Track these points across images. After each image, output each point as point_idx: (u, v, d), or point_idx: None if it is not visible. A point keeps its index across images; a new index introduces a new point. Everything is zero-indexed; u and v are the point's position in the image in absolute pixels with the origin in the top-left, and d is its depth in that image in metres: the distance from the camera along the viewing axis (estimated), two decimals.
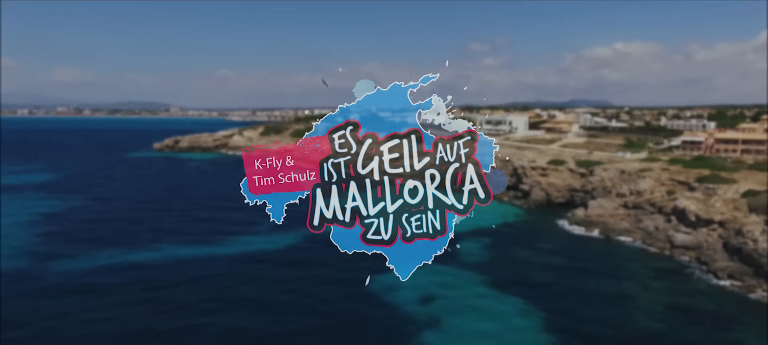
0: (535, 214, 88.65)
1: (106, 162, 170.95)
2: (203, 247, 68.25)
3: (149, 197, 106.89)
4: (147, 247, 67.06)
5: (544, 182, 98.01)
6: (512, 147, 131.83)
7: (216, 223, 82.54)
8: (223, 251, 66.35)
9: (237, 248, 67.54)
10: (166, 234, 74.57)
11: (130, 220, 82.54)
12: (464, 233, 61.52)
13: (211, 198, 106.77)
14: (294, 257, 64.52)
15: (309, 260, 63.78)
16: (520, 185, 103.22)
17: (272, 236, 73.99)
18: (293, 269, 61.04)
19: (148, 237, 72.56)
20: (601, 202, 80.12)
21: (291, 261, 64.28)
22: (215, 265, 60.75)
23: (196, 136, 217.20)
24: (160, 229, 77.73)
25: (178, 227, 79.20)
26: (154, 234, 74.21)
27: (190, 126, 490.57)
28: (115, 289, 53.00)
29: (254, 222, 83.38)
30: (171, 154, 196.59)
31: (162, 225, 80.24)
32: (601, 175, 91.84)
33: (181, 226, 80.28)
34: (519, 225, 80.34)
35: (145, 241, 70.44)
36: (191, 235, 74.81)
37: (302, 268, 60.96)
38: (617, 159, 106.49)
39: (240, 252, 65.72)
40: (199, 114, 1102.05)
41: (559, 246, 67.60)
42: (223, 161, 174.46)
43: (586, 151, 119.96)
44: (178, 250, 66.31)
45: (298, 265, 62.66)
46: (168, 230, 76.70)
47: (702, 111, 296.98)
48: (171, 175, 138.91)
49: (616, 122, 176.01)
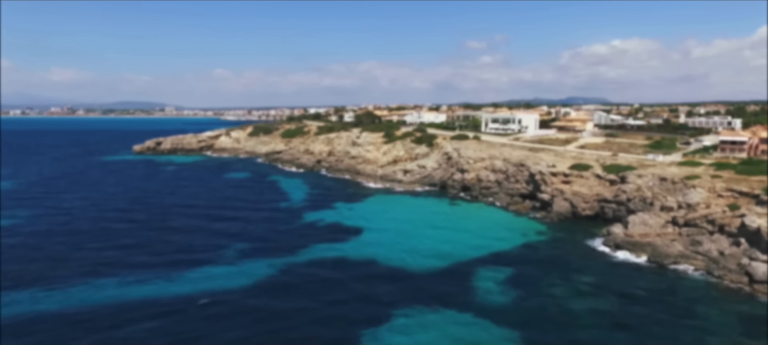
0: (560, 230, 74.40)
1: (78, 167, 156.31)
2: (158, 278, 53.78)
3: (111, 207, 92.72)
4: (83, 281, 52.60)
5: (568, 191, 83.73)
6: (524, 149, 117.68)
7: (182, 239, 68.23)
8: (181, 286, 51.91)
9: (197, 283, 53.06)
10: (114, 258, 60.18)
11: (75, 242, 68.01)
12: (480, 261, 46.30)
13: (182, 207, 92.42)
14: (273, 287, 50.40)
15: (291, 291, 49.70)
16: (538, 194, 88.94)
17: (244, 264, 59.66)
18: (272, 302, 47.07)
19: (90, 262, 58.09)
20: (643, 218, 65.86)
21: (269, 290, 50.07)
22: (167, 304, 46.40)
23: (179, 137, 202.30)
24: (107, 251, 63.28)
25: (133, 247, 64.78)
26: (99, 258, 59.78)
27: (181, 125, 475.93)
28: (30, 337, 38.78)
29: (226, 240, 69.09)
30: (151, 157, 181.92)
31: (111, 246, 65.77)
32: (636, 182, 77.63)
33: (137, 246, 65.85)
34: (544, 247, 66.08)
35: (83, 271, 55.96)
36: (148, 259, 60.38)
37: (284, 299, 46.95)
38: (649, 162, 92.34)
39: (200, 288, 51.27)
40: (194, 113, 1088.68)
41: (603, 279, 53.34)
42: (206, 165, 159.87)
43: (610, 153, 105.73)
44: (124, 284, 51.87)
45: (279, 296, 48.65)
46: (117, 254, 62.22)
47: (713, 107, 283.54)
48: (144, 181, 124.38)
49: (632, 120, 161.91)
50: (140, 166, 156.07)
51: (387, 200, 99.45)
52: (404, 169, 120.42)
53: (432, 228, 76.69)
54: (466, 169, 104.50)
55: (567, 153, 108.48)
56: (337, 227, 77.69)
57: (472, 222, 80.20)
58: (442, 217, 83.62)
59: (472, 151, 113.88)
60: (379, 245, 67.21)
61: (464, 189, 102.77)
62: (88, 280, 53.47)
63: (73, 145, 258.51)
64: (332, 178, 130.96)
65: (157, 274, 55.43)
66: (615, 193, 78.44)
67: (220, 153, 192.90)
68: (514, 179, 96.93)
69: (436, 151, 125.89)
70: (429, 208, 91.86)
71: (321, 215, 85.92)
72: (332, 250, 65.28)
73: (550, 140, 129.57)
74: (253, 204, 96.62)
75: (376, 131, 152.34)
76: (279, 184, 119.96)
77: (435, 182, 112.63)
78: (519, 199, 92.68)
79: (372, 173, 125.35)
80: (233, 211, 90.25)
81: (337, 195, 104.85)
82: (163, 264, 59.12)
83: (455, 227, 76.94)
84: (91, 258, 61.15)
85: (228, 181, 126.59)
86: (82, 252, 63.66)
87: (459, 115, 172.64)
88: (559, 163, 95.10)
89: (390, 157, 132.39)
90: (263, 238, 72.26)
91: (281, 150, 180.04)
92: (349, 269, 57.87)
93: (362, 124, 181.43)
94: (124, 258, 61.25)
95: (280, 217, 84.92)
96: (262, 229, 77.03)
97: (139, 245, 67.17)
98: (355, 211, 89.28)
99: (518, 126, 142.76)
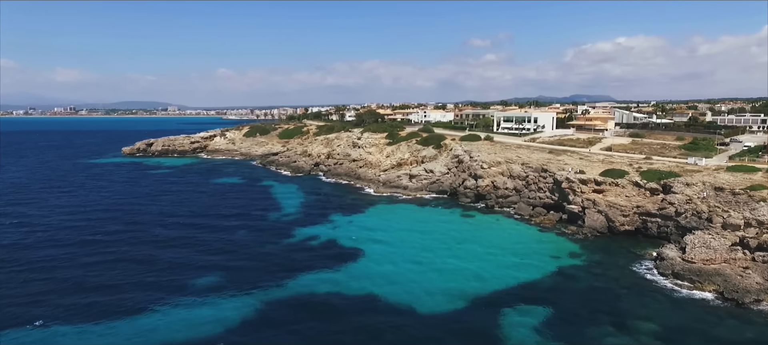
0: (597, 250, 62.52)
1: (60, 170, 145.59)
2: (98, 327, 42.49)
3: (80, 219, 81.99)
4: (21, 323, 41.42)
5: (602, 202, 71.80)
6: (543, 151, 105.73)
7: (147, 266, 56.96)
8: (127, 338, 40.58)
9: (149, 333, 41.69)
10: (52, 295, 49.01)
11: (14, 271, 56.77)
12: (507, 296, 33.34)
13: (159, 219, 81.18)
14: (245, 334, 39.11)
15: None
16: (565, 205, 77.07)
17: (215, 300, 48.25)
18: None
19: (22, 299, 46.92)
20: (704, 239, 53.92)
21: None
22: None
23: (171, 138, 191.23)
24: (51, 282, 52.12)
25: (83, 279, 53.54)
26: (35, 294, 48.62)
27: (181, 125, 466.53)
28: None
29: (200, 264, 57.73)
30: (140, 159, 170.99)
31: (58, 277, 54.56)
32: (684, 192, 65.65)
33: (89, 276, 54.59)
34: (583, 275, 54.25)
35: (21, 311, 44.81)
36: (93, 298, 49.09)
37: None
38: (691, 167, 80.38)
39: (152, 341, 39.90)
40: (196, 113, 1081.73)
41: (668, 324, 41.51)
42: (196, 168, 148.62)
43: (642, 156, 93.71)
44: (51, 334, 40.63)
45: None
46: (59, 288, 51.00)
47: (730, 103, 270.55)
48: (125, 187, 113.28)
49: (656, 118, 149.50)
50: (126, 170, 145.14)
51: (390, 211, 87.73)
52: (409, 173, 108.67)
53: (444, 248, 65.04)
54: (480, 175, 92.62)
55: (593, 156, 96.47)
56: (333, 247, 66.10)
57: (489, 240, 68.39)
58: (454, 234, 71.85)
59: (486, 154, 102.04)
60: (381, 274, 55.64)
61: (478, 198, 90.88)
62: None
63: (66, 146, 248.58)
64: (331, 183, 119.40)
65: (98, 322, 43.90)
66: (660, 206, 66.46)
67: (214, 155, 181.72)
68: (536, 187, 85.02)
69: (445, 153, 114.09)
70: (439, 221, 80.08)
71: (315, 230, 74.41)
72: (325, 281, 53.65)
73: (571, 141, 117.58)
74: (239, 216, 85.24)
75: (379, 131, 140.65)
76: (271, 191, 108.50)
77: (444, 189, 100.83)
78: (542, 210, 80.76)
79: (374, 178, 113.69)
80: (215, 225, 79.06)
81: (335, 204, 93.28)
82: (113, 305, 47.62)
83: (471, 247, 65.22)
84: (24, 294, 49.83)
85: (216, 187, 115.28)
86: (17, 286, 52.31)
87: (468, 114, 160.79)
88: (587, 168, 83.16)
89: (394, 160, 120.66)
90: (244, 261, 60.81)
91: (278, 151, 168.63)
92: (344, 310, 46.30)
93: (364, 123, 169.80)
94: (63, 295, 49.78)
95: (267, 234, 73.36)
96: (245, 250, 65.62)
97: (90, 275, 55.75)
98: (355, 224, 77.69)
99: (534, 125, 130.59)
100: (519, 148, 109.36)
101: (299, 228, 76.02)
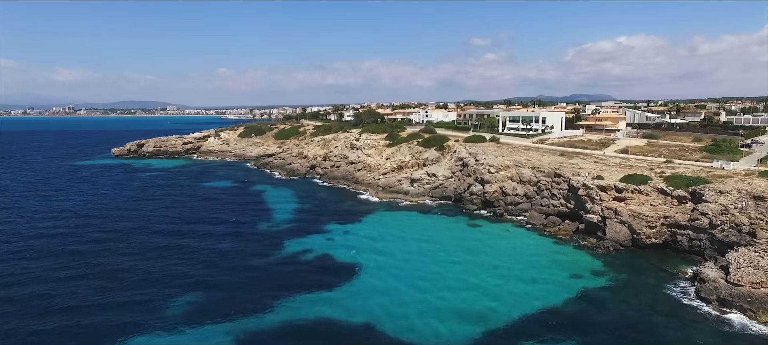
0: (622, 268, 55.69)
1: (45, 173, 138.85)
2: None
3: (53, 228, 75.49)
4: None
5: (624, 211, 64.97)
6: (554, 153, 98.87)
7: (117, 283, 50.20)
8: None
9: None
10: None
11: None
12: (524, 325, 27.11)
13: (138, 229, 74.29)
14: None
15: None
16: (583, 214, 70.27)
17: (189, 329, 41.50)
18: None
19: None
20: (750, 257, 47.15)
21: None
22: None
23: (163, 139, 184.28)
24: (5, 304, 45.40)
25: (40, 300, 46.79)
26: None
27: (178, 125, 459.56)
28: None
29: (177, 283, 50.47)
30: (129, 161, 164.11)
31: (20, 291, 47.80)
32: (717, 201, 58.89)
33: (47, 296, 47.84)
34: (610, 299, 47.43)
35: None
36: (46, 322, 42.36)
37: None
38: (718, 171, 73.56)
39: None
40: (196, 112, 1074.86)
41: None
42: (186, 171, 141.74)
43: (662, 160, 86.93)
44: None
45: None
46: (11, 310, 44.26)
47: (740, 103, 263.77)
48: (109, 192, 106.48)
49: (669, 117, 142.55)
50: (112, 173, 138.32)
51: (390, 219, 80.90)
52: (411, 177, 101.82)
53: (451, 262, 58.30)
54: (488, 180, 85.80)
55: (609, 159, 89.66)
56: (326, 262, 59.30)
57: (501, 254, 61.60)
58: (461, 246, 65.06)
59: (493, 157, 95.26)
60: (381, 293, 49.01)
61: (485, 204, 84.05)
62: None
63: (58, 146, 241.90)
64: (327, 187, 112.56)
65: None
66: (691, 216, 59.65)
67: (207, 156, 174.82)
68: (549, 193, 78.22)
69: (449, 155, 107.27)
70: (443, 231, 73.25)
71: (307, 242, 67.62)
72: (318, 302, 47.00)
73: (582, 142, 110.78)
74: (227, 224, 78.54)
75: (378, 132, 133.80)
76: (263, 197, 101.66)
77: (448, 194, 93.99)
78: (556, 219, 73.92)
79: (373, 182, 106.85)
80: (200, 233, 72.57)
81: (331, 211, 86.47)
82: (68, 334, 40.88)
83: (480, 262, 58.46)
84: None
85: (206, 191, 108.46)
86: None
87: (472, 114, 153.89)
88: (604, 172, 76.37)
89: (394, 162, 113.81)
90: (228, 277, 54.21)
91: (273, 153, 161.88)
92: (339, 337, 39.65)
93: (363, 123, 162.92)
94: (14, 319, 43.01)
95: (255, 245, 66.60)
96: (230, 263, 58.95)
97: (52, 294, 48.97)
98: (351, 235, 70.89)
99: (542, 126, 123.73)
100: (527, 151, 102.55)
101: (291, 239, 69.21)
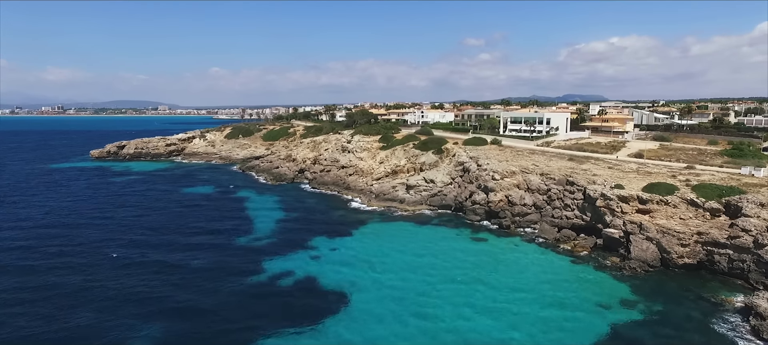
0: (657, 295, 47.78)
1: (18, 176, 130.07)
2: None
3: (14, 239, 68.75)
4: None
5: (651, 226, 57.09)
6: (562, 158, 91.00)
7: (61, 316, 41.82)
8: None
9: None
10: None
11: None
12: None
13: (103, 242, 65.67)
14: None
15: None
16: (602, 227, 62.35)
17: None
18: None
19: None
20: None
21: None
22: None
23: (145, 140, 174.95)
24: None
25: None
26: None
27: (164, 125, 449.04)
28: None
29: (133, 318, 41.82)
30: (107, 164, 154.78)
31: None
32: (760, 215, 51.28)
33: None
34: (646, 336, 39.44)
35: None
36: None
37: None
38: (749, 179, 66.05)
39: None
40: (187, 112, 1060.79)
41: None
42: (166, 175, 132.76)
43: (683, 165, 79.28)
44: None
45: None
46: None
47: (745, 104, 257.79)
48: (80, 198, 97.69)
49: (679, 118, 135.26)
50: (88, 177, 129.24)
51: (385, 232, 72.65)
52: (406, 183, 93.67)
53: (455, 289, 50.24)
54: (492, 188, 77.78)
55: (624, 164, 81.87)
56: (309, 290, 51.02)
57: (514, 275, 53.60)
58: (467, 267, 56.96)
59: (496, 162, 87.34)
60: (376, 321, 41.72)
61: (490, 215, 75.97)
62: None
63: (37, 147, 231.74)
64: (316, 193, 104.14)
65: None
66: (730, 233, 51.89)
67: (191, 158, 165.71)
68: (561, 203, 70.33)
69: (448, 160, 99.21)
70: (445, 246, 65.11)
71: (291, 260, 59.32)
72: (301, 337, 39.09)
73: (590, 145, 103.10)
74: (202, 236, 70.22)
75: (372, 133, 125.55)
76: (246, 204, 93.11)
77: (448, 203, 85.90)
78: (571, 233, 65.96)
79: (365, 188, 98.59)
80: (170, 247, 64.70)
81: (319, 223, 78.17)
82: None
83: (491, 285, 50.49)
84: None
85: (184, 198, 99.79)
86: None
87: (470, 114, 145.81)
88: (622, 180, 68.57)
89: (388, 167, 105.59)
90: (197, 305, 46.06)
91: (261, 155, 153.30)
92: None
93: (356, 124, 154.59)
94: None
95: (231, 263, 58.26)
96: (200, 287, 50.84)
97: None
98: (341, 252, 62.61)
99: (547, 127, 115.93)
100: (533, 154, 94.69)
101: (273, 256, 60.85)
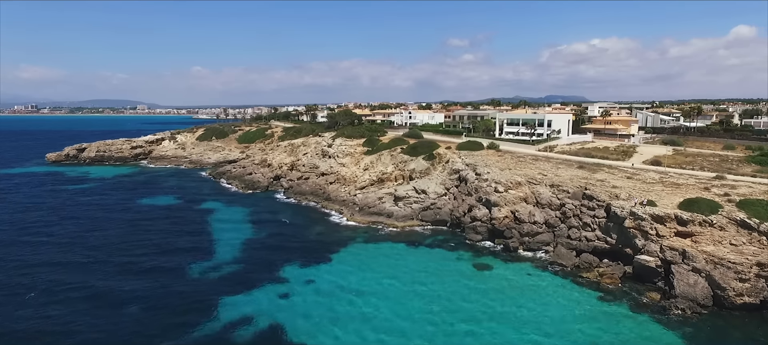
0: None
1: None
2: None
3: None
4: None
5: (698, 255, 46.68)
6: (570, 165, 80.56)
7: None
8: None
9: None
10: None
11: None
12: None
13: (28, 269, 53.03)
14: None
15: None
16: (632, 253, 51.70)
17: None
18: None
19: None
20: None
21: None
22: None
23: (108, 142, 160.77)
24: None
25: None
26: None
27: (139, 125, 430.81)
28: None
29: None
30: (63, 169, 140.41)
31: None
32: None
33: None
34: None
35: None
36: None
37: None
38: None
39: None
40: (167, 112, 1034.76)
41: None
42: (128, 181, 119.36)
43: (711, 174, 69.31)
44: None
45: None
46: None
47: (742, 105, 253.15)
48: (23, 210, 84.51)
49: (684, 120, 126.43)
50: (36, 184, 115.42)
51: (371, 256, 61.04)
52: (395, 194, 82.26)
53: (463, 335, 39.04)
54: (495, 202, 66.82)
55: (642, 173, 71.68)
56: (279, 338, 39.40)
57: (532, 318, 42.64)
58: (472, 301, 45.88)
59: (497, 170, 76.64)
60: None
61: (494, 234, 64.90)
62: None
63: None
64: (292, 205, 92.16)
65: None
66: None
67: (158, 162, 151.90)
68: (579, 221, 59.65)
69: (440, 166, 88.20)
70: (444, 276, 53.85)
71: (252, 302, 47.39)
72: None
73: (598, 151, 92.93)
74: (151, 258, 58.34)
75: (355, 136, 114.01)
76: (209, 218, 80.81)
77: (442, 218, 74.77)
78: (592, 259, 55.23)
79: (348, 199, 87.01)
80: (112, 274, 53.08)
81: (293, 243, 66.39)
82: None
83: (503, 331, 39.40)
84: None
85: (142, 210, 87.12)
86: None
87: (462, 116, 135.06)
88: (648, 193, 58.17)
89: (373, 174, 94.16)
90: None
91: (234, 159, 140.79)
92: None
93: (338, 125, 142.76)
94: None
95: (173, 305, 46.20)
96: (128, 340, 38.73)
97: None
98: (318, 286, 50.97)
99: (548, 130, 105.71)
100: (537, 161, 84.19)
101: (228, 296, 48.73)
